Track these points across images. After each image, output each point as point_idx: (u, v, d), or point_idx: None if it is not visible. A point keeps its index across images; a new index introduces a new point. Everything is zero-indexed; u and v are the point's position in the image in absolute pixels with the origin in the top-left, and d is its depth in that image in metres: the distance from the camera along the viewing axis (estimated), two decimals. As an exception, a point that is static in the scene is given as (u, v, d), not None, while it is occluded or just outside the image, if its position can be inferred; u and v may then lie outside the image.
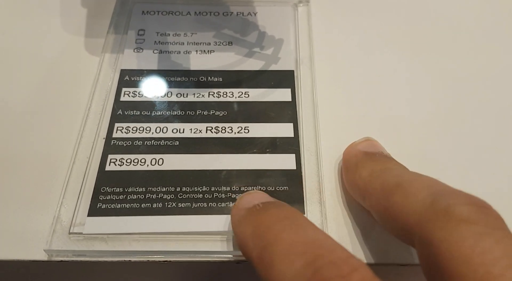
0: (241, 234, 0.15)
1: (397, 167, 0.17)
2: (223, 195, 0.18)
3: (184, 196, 0.18)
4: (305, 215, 0.18)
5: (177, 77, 0.22)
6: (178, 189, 0.18)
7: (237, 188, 0.19)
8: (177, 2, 0.26)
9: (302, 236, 0.13)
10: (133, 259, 0.17)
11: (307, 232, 0.14)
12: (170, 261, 0.17)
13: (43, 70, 0.23)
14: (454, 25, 0.26)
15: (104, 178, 0.19)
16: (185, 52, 0.23)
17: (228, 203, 0.18)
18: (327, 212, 0.18)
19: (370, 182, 0.16)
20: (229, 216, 0.18)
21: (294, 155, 0.20)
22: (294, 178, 0.19)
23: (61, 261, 0.17)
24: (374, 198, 0.16)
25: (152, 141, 0.20)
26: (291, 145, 0.20)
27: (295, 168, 0.19)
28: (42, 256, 0.17)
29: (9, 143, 0.20)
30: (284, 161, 0.19)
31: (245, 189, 0.19)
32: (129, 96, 0.21)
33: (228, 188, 0.19)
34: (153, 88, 0.22)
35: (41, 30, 0.25)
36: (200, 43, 0.24)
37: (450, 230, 0.12)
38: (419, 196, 0.14)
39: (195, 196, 0.18)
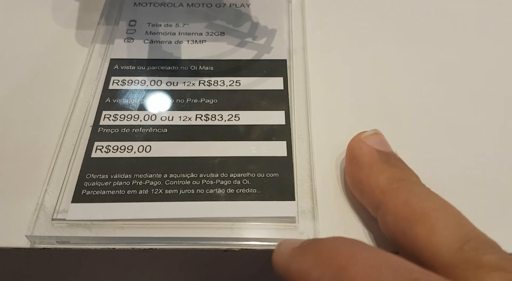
0: (298, 269, 0.14)
1: (416, 180, 0.16)
2: (211, 181, 0.18)
3: (172, 182, 0.18)
4: (295, 202, 0.17)
5: (167, 66, 0.22)
6: (166, 175, 0.18)
7: (226, 175, 0.18)
8: (169, -6, 0.26)
9: (379, 258, 0.13)
10: (117, 246, 0.17)
11: (380, 253, 0.13)
12: (155, 248, 0.17)
13: (32, 60, 0.23)
14: (451, 17, 0.25)
15: (90, 165, 0.18)
16: (176, 42, 0.23)
17: (216, 189, 0.18)
18: (317, 199, 0.18)
19: (390, 194, 0.16)
20: (216, 202, 0.17)
21: (285, 142, 0.19)
22: (285, 165, 0.18)
23: (44, 248, 0.17)
24: (391, 216, 0.15)
25: (140, 129, 0.19)
26: (282, 133, 0.20)
27: (286, 155, 0.19)
28: (24, 243, 0.17)
29: (-4, 131, 0.20)
30: (275, 148, 0.19)
31: (234, 176, 0.18)
32: (118, 84, 0.21)
33: (217, 175, 0.18)
34: (143, 77, 0.21)
35: (31, 21, 0.25)
36: (192, 34, 0.24)
37: (482, 277, 0.13)
38: (446, 237, 0.14)
39: (183, 183, 0.18)
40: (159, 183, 0.18)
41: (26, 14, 0.25)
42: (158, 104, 0.20)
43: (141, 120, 0.20)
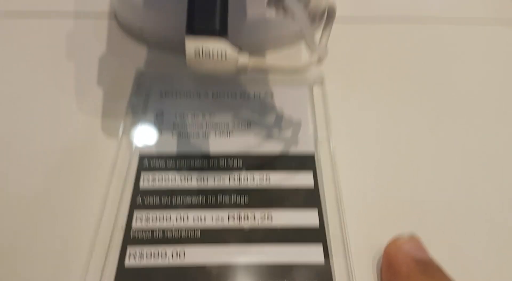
0: None
1: None
2: (249, 292, 0.17)
3: (208, 294, 0.17)
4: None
5: (196, 160, 0.22)
6: (202, 286, 0.17)
7: (264, 285, 0.18)
8: (196, 83, 0.26)
9: None
10: None
11: None
12: None
13: (59, 154, 0.22)
14: (477, 101, 0.26)
15: (123, 276, 0.18)
16: (204, 135, 0.23)
17: (255, 301, 0.17)
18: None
19: None
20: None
21: (321, 244, 0.19)
22: (324, 273, 0.18)
23: None
24: None
25: (173, 231, 0.19)
26: (317, 234, 0.19)
27: (323, 261, 0.18)
28: None
29: (23, 232, 0.19)
30: (311, 253, 0.19)
31: (272, 285, 0.18)
32: (148, 182, 0.21)
33: (255, 285, 0.18)
34: (173, 173, 0.21)
35: (57, 112, 0.25)
36: (219, 125, 0.24)
37: None
38: None
39: (220, 294, 0.17)
40: (195, 295, 0.17)
41: (51, 103, 0.25)
42: (190, 203, 0.20)
43: (173, 222, 0.19)
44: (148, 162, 0.22)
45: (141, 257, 0.18)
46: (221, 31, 0.18)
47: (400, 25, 0.32)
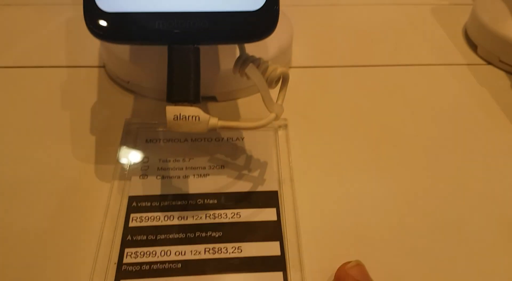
0: None
1: None
2: (221, 314, 0.21)
3: (188, 317, 0.21)
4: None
5: (177, 201, 0.26)
6: (183, 311, 0.21)
7: (233, 307, 0.21)
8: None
9: None
10: None
11: None
12: None
13: (58, 196, 0.26)
14: (419, 144, 0.31)
15: (117, 304, 0.21)
16: (184, 177, 0.27)
17: (226, 322, 0.21)
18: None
19: None
20: None
21: (281, 273, 0.23)
22: (282, 295, 0.22)
23: None
24: None
25: (158, 265, 0.23)
26: (278, 263, 0.23)
27: (282, 285, 0.22)
28: None
29: (26, 270, 0.23)
30: (273, 280, 0.23)
31: (240, 308, 0.21)
32: (136, 221, 0.25)
33: (226, 308, 0.21)
34: (157, 213, 0.25)
35: (53, 158, 0.28)
36: (197, 168, 0.28)
37: None
38: None
39: (198, 317, 0.21)
40: (177, 318, 0.21)
41: (47, 151, 0.29)
42: (172, 239, 0.24)
43: (158, 256, 0.23)
44: (136, 203, 0.26)
45: (131, 288, 0.22)
46: (195, 100, 0.22)
47: (354, 68, 0.36)
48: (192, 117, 0.22)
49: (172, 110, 0.22)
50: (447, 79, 0.36)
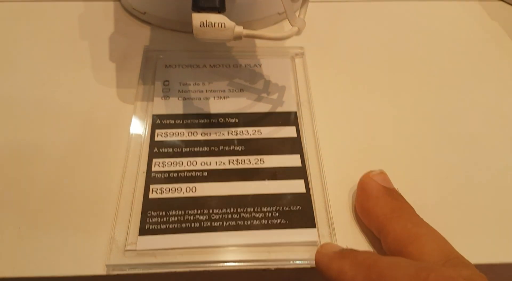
0: (337, 268, 0.18)
1: (412, 211, 0.21)
2: (248, 214, 0.22)
3: (217, 216, 0.22)
4: (316, 229, 0.22)
5: (200, 119, 0.27)
6: (211, 211, 0.22)
7: (259, 209, 0.23)
8: (195, 57, 0.30)
9: (395, 258, 0.18)
10: (178, 270, 0.21)
11: (395, 257, 0.18)
12: (208, 270, 0.21)
13: (84, 115, 0.27)
14: (431, 67, 0.31)
15: (149, 204, 0.22)
16: (204, 99, 0.28)
17: (252, 221, 0.22)
18: (334, 225, 0.22)
19: (391, 221, 0.20)
20: (253, 231, 0.22)
21: (303, 180, 0.24)
22: (305, 199, 0.23)
23: (117, 275, 0.21)
24: (392, 237, 0.20)
25: (185, 173, 0.24)
26: (300, 173, 0.24)
27: (304, 191, 0.24)
28: (101, 271, 0.20)
29: (65, 180, 0.24)
30: (296, 186, 0.24)
31: (265, 210, 0.23)
32: (161, 136, 0.26)
33: (252, 209, 0.23)
34: (181, 129, 0.26)
35: (77, 82, 0.29)
36: (217, 91, 0.29)
37: None
38: (433, 256, 0.18)
39: (225, 216, 0.22)
40: (206, 217, 0.22)
41: (71, 76, 0.29)
42: (197, 151, 0.25)
43: (185, 166, 0.24)
44: (160, 120, 0.26)
45: (161, 192, 0.23)
46: (220, 8, 0.22)
47: (369, 2, 0.37)
48: (218, 24, 0.22)
49: (198, 17, 0.22)
50: (460, 14, 0.36)
